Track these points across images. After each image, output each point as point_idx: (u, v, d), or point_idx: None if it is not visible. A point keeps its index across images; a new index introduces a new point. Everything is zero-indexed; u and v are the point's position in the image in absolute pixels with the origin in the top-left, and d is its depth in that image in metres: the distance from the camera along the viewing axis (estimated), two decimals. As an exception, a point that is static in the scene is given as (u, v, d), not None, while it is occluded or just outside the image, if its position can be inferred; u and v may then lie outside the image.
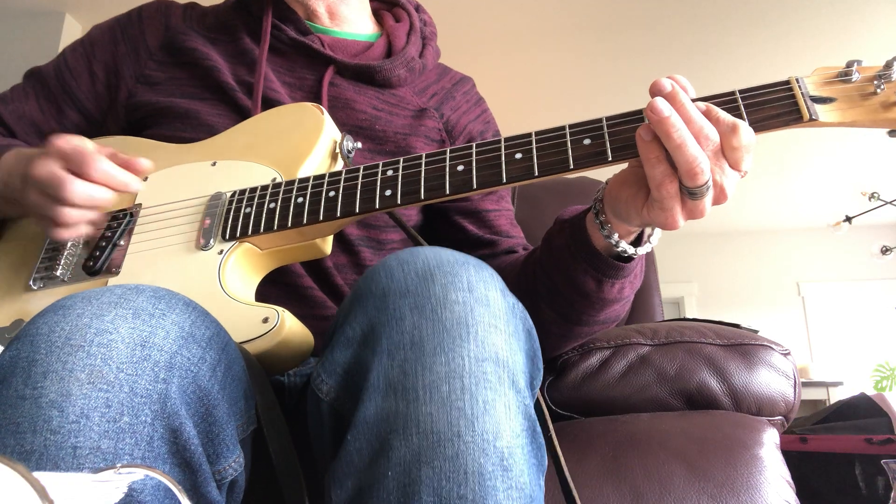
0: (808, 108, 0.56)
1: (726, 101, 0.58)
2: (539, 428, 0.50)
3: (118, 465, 0.40)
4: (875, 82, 0.56)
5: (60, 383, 0.42)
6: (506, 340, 0.49)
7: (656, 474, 0.74)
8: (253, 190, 0.71)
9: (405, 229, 0.79)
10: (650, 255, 1.32)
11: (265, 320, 0.61)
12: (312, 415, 0.56)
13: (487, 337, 0.48)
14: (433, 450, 0.43)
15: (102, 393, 0.42)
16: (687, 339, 0.88)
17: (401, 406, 0.45)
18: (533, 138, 0.62)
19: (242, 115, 0.84)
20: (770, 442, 0.79)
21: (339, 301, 0.83)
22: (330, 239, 0.73)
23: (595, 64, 3.47)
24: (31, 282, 0.73)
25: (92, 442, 0.41)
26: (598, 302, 0.69)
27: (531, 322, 0.56)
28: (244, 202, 0.71)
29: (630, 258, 0.66)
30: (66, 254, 0.74)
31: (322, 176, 0.69)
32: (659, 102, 0.54)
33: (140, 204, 0.76)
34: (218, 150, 0.79)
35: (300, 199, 0.68)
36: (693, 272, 5.74)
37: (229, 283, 0.66)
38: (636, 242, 0.66)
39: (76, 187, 0.66)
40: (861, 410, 2.37)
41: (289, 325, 0.61)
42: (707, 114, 0.55)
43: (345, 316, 0.54)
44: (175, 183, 0.77)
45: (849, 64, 0.58)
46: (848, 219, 4.04)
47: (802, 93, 0.57)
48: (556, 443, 0.58)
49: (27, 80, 0.94)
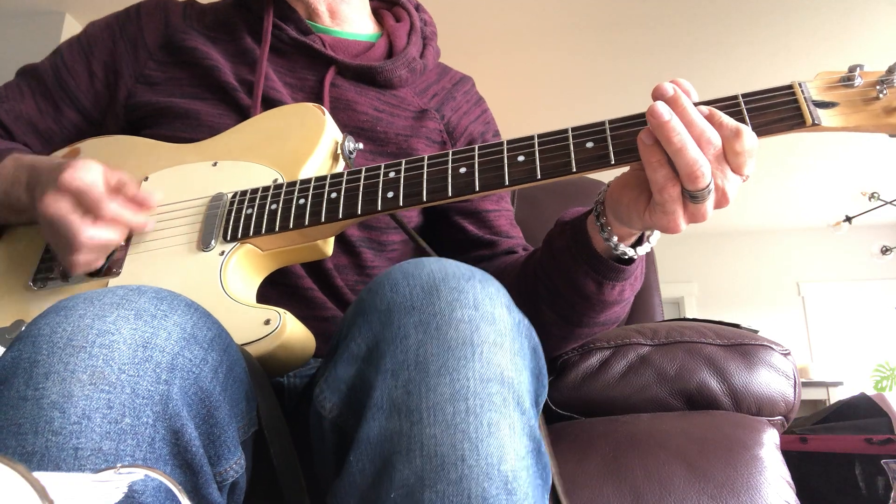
0: (811, 113, 0.56)
1: (729, 105, 0.58)
2: (544, 448, 0.50)
3: (118, 466, 0.40)
4: (878, 87, 0.56)
5: (62, 384, 0.42)
6: (511, 360, 0.49)
7: (656, 474, 0.74)
8: (254, 191, 0.71)
9: (406, 231, 0.79)
10: (650, 256, 1.32)
11: (267, 322, 0.61)
12: (315, 430, 0.55)
13: (493, 356, 0.47)
14: (436, 473, 0.43)
15: (104, 394, 0.42)
16: (687, 339, 0.88)
17: (404, 427, 0.45)
18: (535, 141, 0.62)
19: (243, 116, 0.84)
20: (770, 442, 0.79)
21: (340, 302, 0.83)
22: (331, 240, 0.73)
23: (595, 63, 3.47)
24: (32, 282, 0.72)
25: (93, 443, 0.41)
26: (599, 304, 0.69)
27: (537, 339, 0.55)
28: (245, 203, 0.70)
29: (631, 260, 0.66)
30: None
31: (324, 177, 0.69)
32: (659, 106, 0.54)
33: None
34: (219, 151, 0.79)
35: (302, 201, 0.68)
36: (693, 272, 5.74)
37: (231, 285, 0.66)
38: (636, 244, 0.66)
39: (89, 234, 0.65)
40: (861, 410, 2.37)
41: (290, 328, 0.61)
42: (710, 118, 0.55)
43: (348, 329, 0.53)
44: (176, 183, 0.77)
45: (851, 68, 0.57)
46: (848, 219, 4.04)
47: (805, 97, 0.56)
48: (554, 468, 0.58)
49: (22, 78, 0.92)
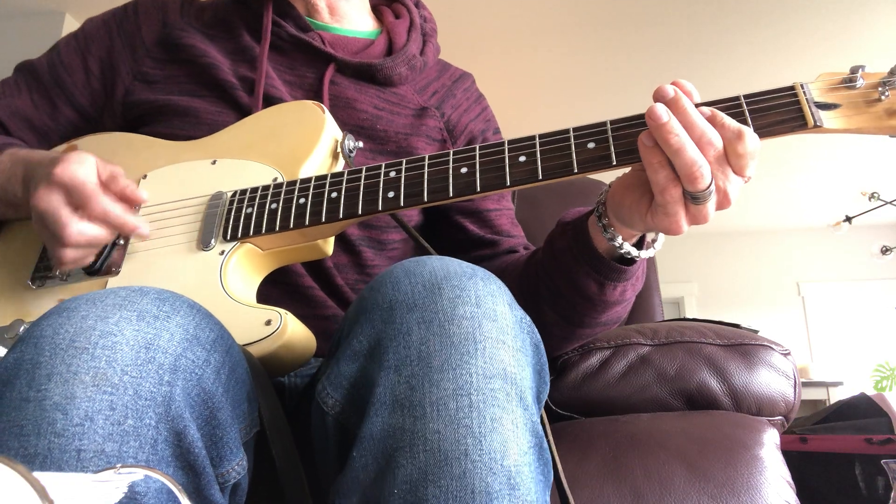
0: (813, 115, 0.56)
1: (731, 106, 0.57)
2: (546, 444, 0.50)
3: (118, 466, 0.40)
4: (880, 89, 0.56)
5: (64, 386, 0.42)
6: (513, 356, 0.49)
7: (656, 474, 0.74)
8: (254, 190, 0.71)
9: (407, 230, 0.78)
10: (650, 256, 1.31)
11: (268, 323, 0.61)
12: (317, 428, 0.55)
13: (495, 353, 0.48)
14: (440, 468, 0.43)
15: (107, 395, 0.42)
16: (687, 339, 0.88)
17: (407, 422, 0.45)
18: (537, 141, 0.62)
19: (243, 113, 0.83)
20: (770, 442, 0.79)
21: (341, 301, 0.83)
22: (331, 239, 0.73)
23: (595, 62, 3.46)
24: (30, 281, 0.72)
25: (96, 445, 0.41)
26: (601, 304, 0.69)
27: (538, 336, 0.55)
28: (245, 202, 0.70)
29: (632, 261, 0.66)
30: None
31: (324, 177, 0.69)
32: (658, 108, 0.54)
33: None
34: (218, 148, 0.79)
35: (302, 200, 0.68)
36: (693, 272, 5.74)
37: (231, 285, 0.66)
38: (639, 244, 0.66)
39: (73, 229, 0.65)
40: (861, 410, 2.37)
41: (291, 328, 0.61)
42: (712, 119, 0.55)
43: (350, 327, 0.53)
44: (175, 181, 0.76)
45: (853, 70, 0.57)
46: (848, 219, 4.05)
47: (807, 99, 0.56)
48: (556, 457, 0.58)
49: (19, 74, 0.92)
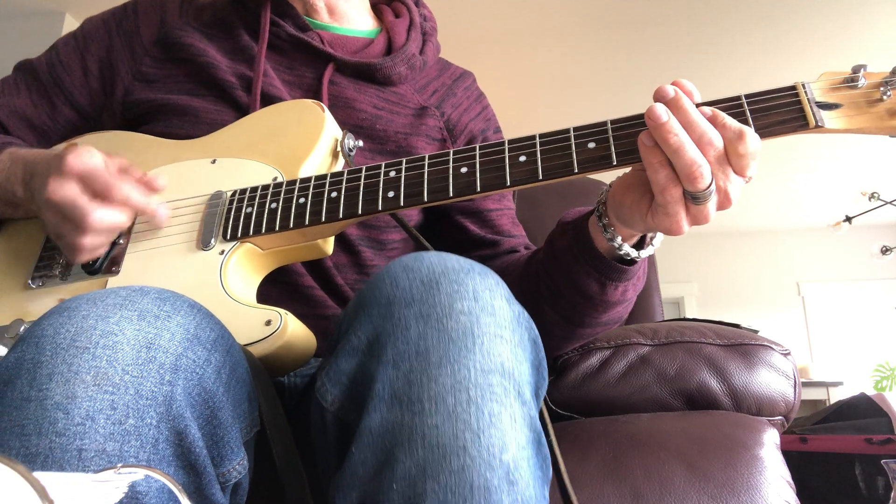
0: (815, 115, 0.55)
1: (732, 106, 0.57)
2: (544, 439, 0.50)
3: (118, 466, 0.40)
4: (882, 89, 0.55)
5: (66, 385, 0.42)
6: (511, 350, 0.49)
7: (656, 474, 0.74)
8: (254, 189, 0.71)
9: (408, 230, 0.78)
10: (650, 256, 1.32)
11: (268, 323, 0.61)
12: (316, 424, 0.55)
13: (493, 347, 0.48)
14: (439, 463, 0.43)
15: (108, 395, 0.42)
16: (687, 339, 0.88)
17: (406, 417, 0.45)
18: (537, 141, 0.62)
19: (242, 112, 0.83)
20: (770, 442, 0.79)
21: (341, 300, 0.83)
22: (331, 239, 0.73)
23: (595, 62, 3.46)
24: (30, 280, 0.72)
25: (97, 444, 0.41)
26: (601, 304, 0.69)
27: (536, 331, 0.55)
28: (245, 202, 0.70)
29: (633, 261, 0.66)
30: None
31: (324, 176, 0.69)
32: (657, 108, 0.54)
33: None
34: (217, 147, 0.79)
35: (301, 200, 0.68)
36: (693, 272, 5.74)
37: (231, 284, 0.66)
38: (639, 244, 0.66)
39: (98, 216, 0.64)
40: (861, 410, 2.37)
41: (291, 328, 0.61)
42: (713, 119, 0.55)
43: (349, 323, 0.53)
44: (174, 180, 0.76)
45: (855, 69, 0.57)
46: (848, 219, 4.05)
47: (809, 98, 0.56)
48: (558, 453, 0.58)
49: (18, 73, 0.92)
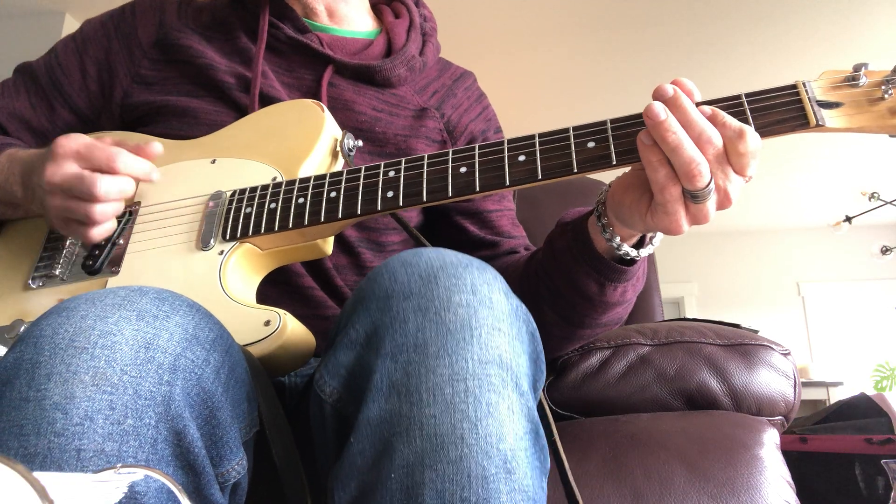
0: (815, 114, 0.55)
1: (732, 105, 0.57)
2: (542, 431, 0.50)
3: (118, 466, 0.40)
4: (883, 87, 0.55)
5: (64, 385, 0.42)
6: (509, 343, 0.49)
7: (656, 474, 0.74)
8: (253, 189, 0.71)
9: (408, 230, 0.78)
10: (650, 256, 1.31)
11: (267, 323, 0.61)
12: (315, 416, 0.55)
13: (491, 339, 0.48)
14: (436, 453, 0.43)
15: (106, 395, 0.42)
16: (687, 339, 0.88)
17: (404, 408, 0.45)
18: (536, 140, 0.62)
19: (241, 113, 0.83)
20: (770, 442, 0.79)
21: (340, 301, 0.83)
22: (331, 239, 0.73)
23: (595, 62, 3.47)
24: (31, 280, 0.72)
25: (96, 444, 0.41)
26: (601, 305, 0.69)
27: (534, 324, 0.55)
28: (244, 202, 0.70)
29: (633, 261, 0.66)
30: (66, 253, 0.73)
31: (323, 176, 0.69)
32: (655, 107, 0.54)
33: (139, 202, 0.76)
34: (217, 148, 0.79)
35: (301, 200, 0.68)
36: (693, 272, 5.74)
37: (230, 284, 0.66)
38: (638, 245, 0.66)
39: (106, 183, 0.65)
40: (861, 410, 2.37)
41: (290, 329, 0.61)
42: (713, 118, 0.55)
43: (348, 317, 0.54)
44: (174, 180, 0.76)
45: (856, 68, 0.57)
46: (848, 219, 4.05)
47: (809, 97, 0.56)
48: (560, 446, 0.58)
49: (18, 76, 0.92)
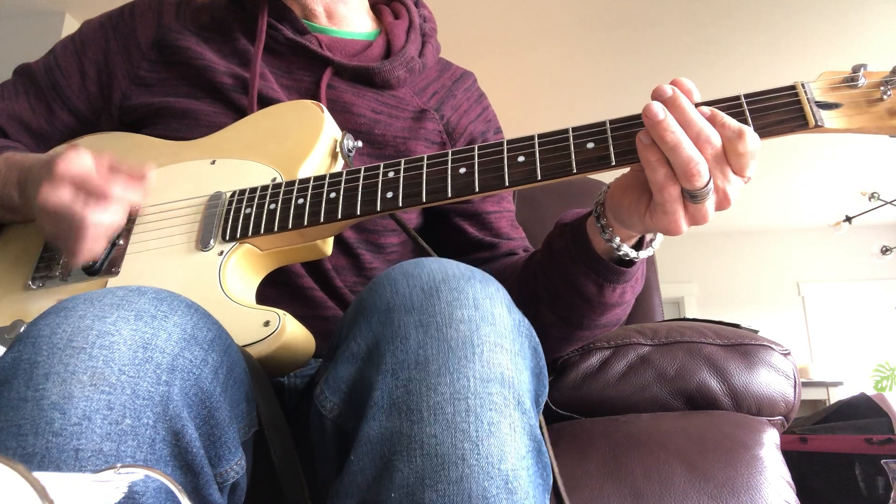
0: (814, 115, 0.55)
1: (731, 106, 0.57)
2: (545, 448, 0.50)
3: (118, 466, 0.40)
4: (882, 88, 0.55)
5: (62, 385, 0.42)
6: (511, 359, 0.49)
7: (656, 474, 0.74)
8: (253, 190, 0.71)
9: (407, 232, 0.78)
10: (650, 256, 1.32)
11: (266, 324, 0.61)
12: (316, 430, 0.55)
13: (493, 356, 0.48)
14: (437, 473, 0.43)
15: (104, 395, 0.42)
16: (687, 339, 0.88)
17: (405, 426, 0.45)
18: (536, 141, 0.62)
19: (240, 115, 0.83)
20: (770, 442, 0.79)
21: (340, 302, 0.83)
22: (330, 240, 0.73)
23: (595, 62, 3.47)
24: (30, 281, 0.72)
25: (94, 444, 0.41)
26: (600, 306, 0.69)
27: (537, 338, 0.55)
28: (244, 203, 0.70)
29: (632, 262, 0.66)
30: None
31: (323, 177, 0.69)
32: (654, 106, 0.54)
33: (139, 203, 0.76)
34: (217, 149, 0.79)
35: (300, 201, 0.68)
36: (693, 272, 5.74)
37: (230, 285, 0.66)
38: (637, 246, 0.65)
39: (94, 220, 0.64)
40: (861, 410, 2.37)
41: (290, 329, 0.61)
42: (712, 118, 0.55)
43: (348, 329, 0.53)
44: (174, 181, 0.76)
45: (855, 69, 0.57)
46: (848, 219, 4.05)
47: (808, 98, 0.56)
48: (554, 464, 0.58)
49: (18, 77, 0.92)
